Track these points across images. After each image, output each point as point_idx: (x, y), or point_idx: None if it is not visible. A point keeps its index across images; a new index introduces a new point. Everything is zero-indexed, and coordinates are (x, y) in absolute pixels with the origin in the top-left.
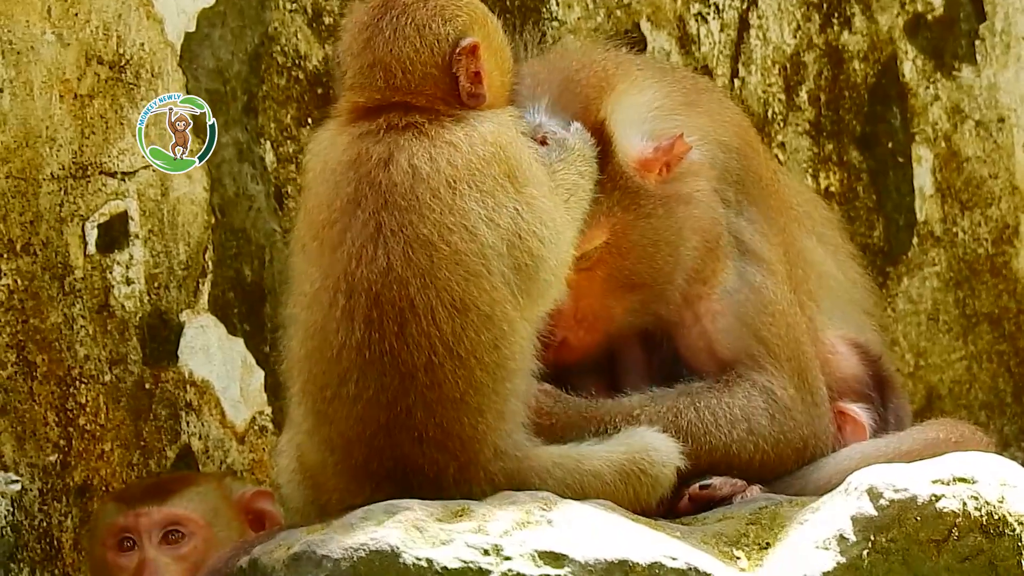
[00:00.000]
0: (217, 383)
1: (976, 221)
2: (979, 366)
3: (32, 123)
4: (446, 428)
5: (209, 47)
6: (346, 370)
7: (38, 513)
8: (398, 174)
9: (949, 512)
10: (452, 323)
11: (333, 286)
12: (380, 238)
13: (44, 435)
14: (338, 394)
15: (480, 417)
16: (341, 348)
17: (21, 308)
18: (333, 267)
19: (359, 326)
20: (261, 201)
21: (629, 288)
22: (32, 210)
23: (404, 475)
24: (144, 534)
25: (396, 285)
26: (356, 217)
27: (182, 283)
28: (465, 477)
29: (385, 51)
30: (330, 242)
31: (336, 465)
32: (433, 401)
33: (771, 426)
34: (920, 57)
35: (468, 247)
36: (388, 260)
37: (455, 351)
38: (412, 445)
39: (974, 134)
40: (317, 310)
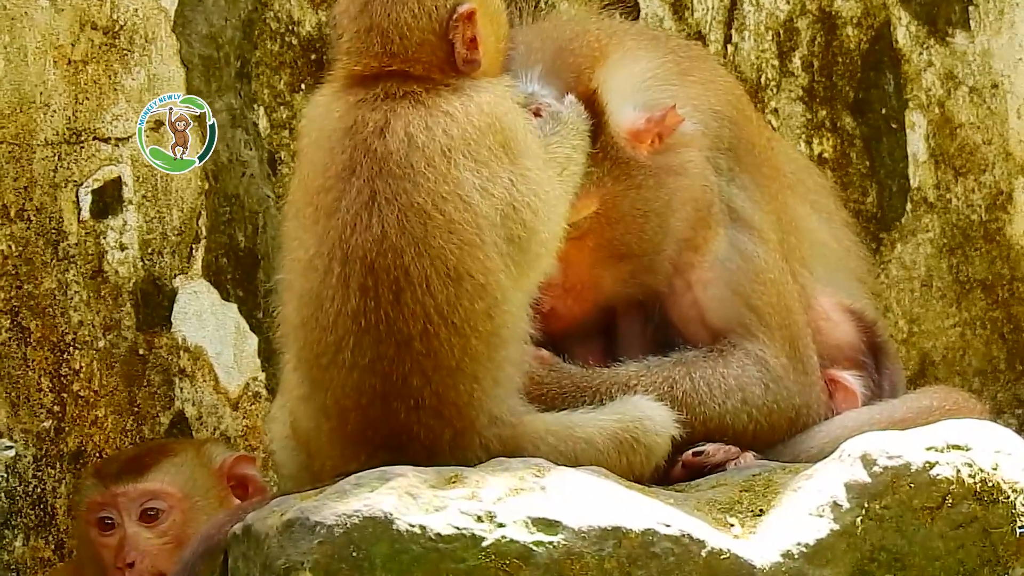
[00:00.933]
0: (211, 349)
1: (969, 187)
2: (972, 332)
3: (26, 89)
4: (442, 395)
5: (202, 13)
6: (341, 338)
7: (32, 479)
8: (394, 142)
9: (943, 479)
10: (446, 292)
11: (328, 253)
12: (374, 206)
13: (38, 401)
14: (334, 361)
15: (475, 384)
16: (336, 316)
17: (15, 274)
18: (327, 234)
19: (354, 294)
20: (254, 167)
21: (618, 258)
22: (26, 176)
23: (399, 442)
24: (123, 512)
25: (391, 253)
26: (351, 184)
27: (175, 249)
28: (460, 444)
29: (382, 16)
30: (325, 209)
31: (331, 432)
32: (429, 369)
33: (764, 396)
34: (914, 23)
35: (462, 216)
36: (383, 228)
37: (450, 319)
38: (408, 412)
39: (967, 100)
40: (312, 277)
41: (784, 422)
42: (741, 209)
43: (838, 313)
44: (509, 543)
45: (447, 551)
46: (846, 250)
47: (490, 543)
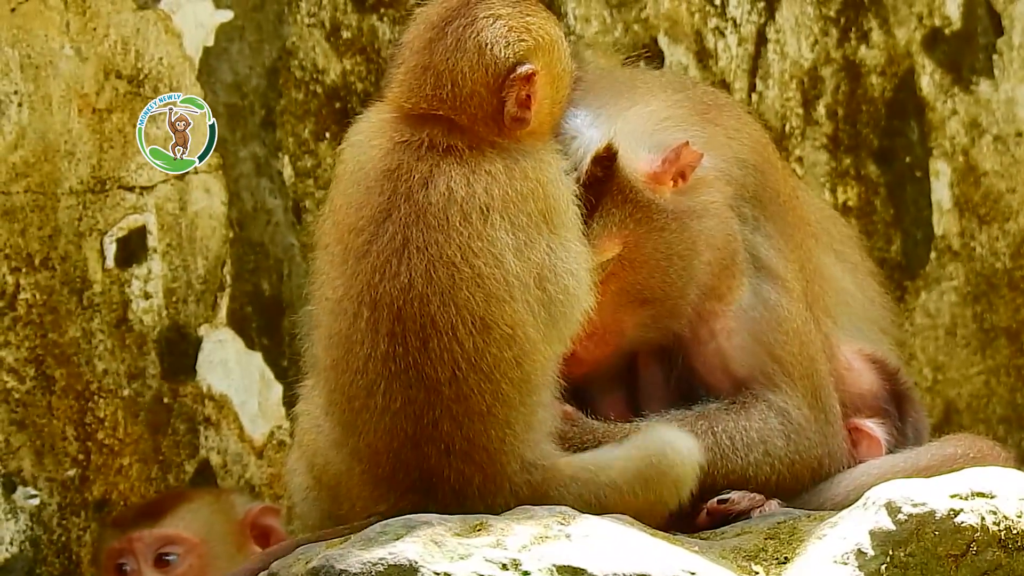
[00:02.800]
0: (235, 397)
1: (994, 235)
2: (997, 380)
3: (51, 137)
4: (473, 440)
5: (227, 61)
6: (372, 381)
7: (57, 528)
8: (434, 194)
9: (967, 527)
10: (473, 340)
11: (357, 297)
12: (405, 253)
13: (63, 450)
14: (366, 405)
15: (507, 429)
16: (367, 360)
17: (40, 322)
18: (357, 277)
19: (383, 339)
20: (279, 215)
21: (640, 303)
22: (51, 224)
23: (429, 486)
24: (139, 557)
25: (417, 302)
26: (384, 229)
27: (200, 297)
28: (489, 489)
29: (441, 59)
30: (355, 250)
31: (362, 474)
32: (459, 414)
33: (786, 447)
34: (938, 71)
35: (491, 272)
36: (410, 276)
37: (478, 366)
38: (438, 457)
39: (992, 148)
40: (342, 319)
41: (807, 472)
42: (766, 258)
43: (860, 362)
44: None
45: None
46: (870, 300)
47: None
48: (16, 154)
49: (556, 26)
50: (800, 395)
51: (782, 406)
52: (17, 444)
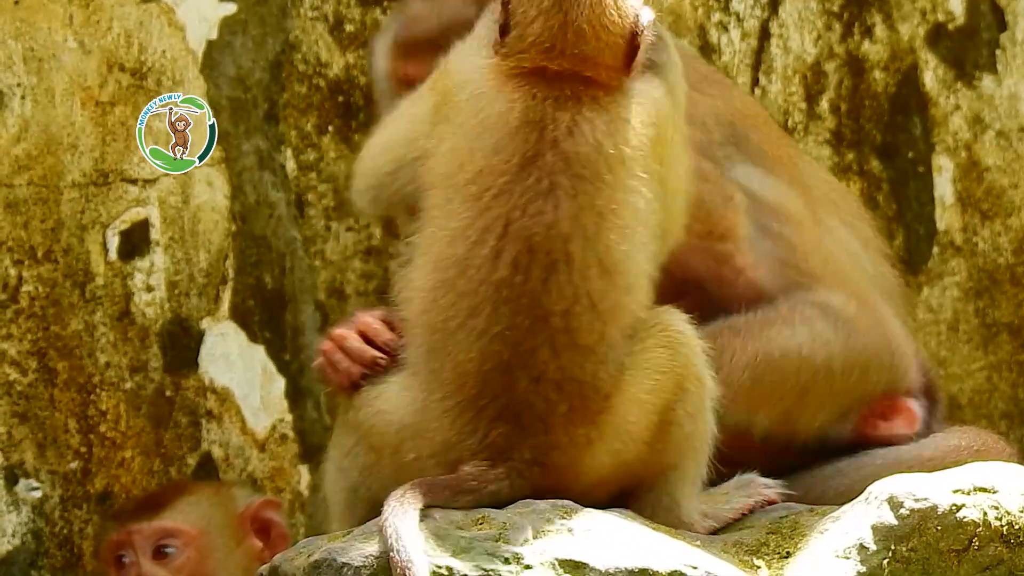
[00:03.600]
0: (238, 391)
1: (996, 231)
2: (999, 376)
3: (53, 130)
4: (567, 371)
5: (230, 55)
6: (479, 304)
7: (59, 520)
8: (584, 145)
9: (970, 522)
10: (602, 282)
11: (486, 227)
12: (552, 196)
13: (65, 442)
14: (463, 325)
15: (601, 366)
16: (480, 283)
17: (42, 315)
18: (490, 211)
19: (504, 266)
20: (282, 209)
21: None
22: (53, 217)
23: (515, 414)
24: (137, 549)
25: (559, 240)
26: (529, 173)
27: (203, 290)
28: (574, 420)
29: (581, 14)
30: (494, 189)
31: (442, 401)
32: (562, 345)
33: (835, 335)
34: (941, 66)
35: (630, 223)
36: (556, 216)
37: (598, 307)
38: (528, 383)
39: (995, 144)
40: (460, 244)
41: (865, 366)
42: (758, 191)
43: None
44: None
45: None
46: (882, 275)
47: None
48: (19, 147)
49: None
50: (843, 294)
51: (824, 301)
52: (19, 436)
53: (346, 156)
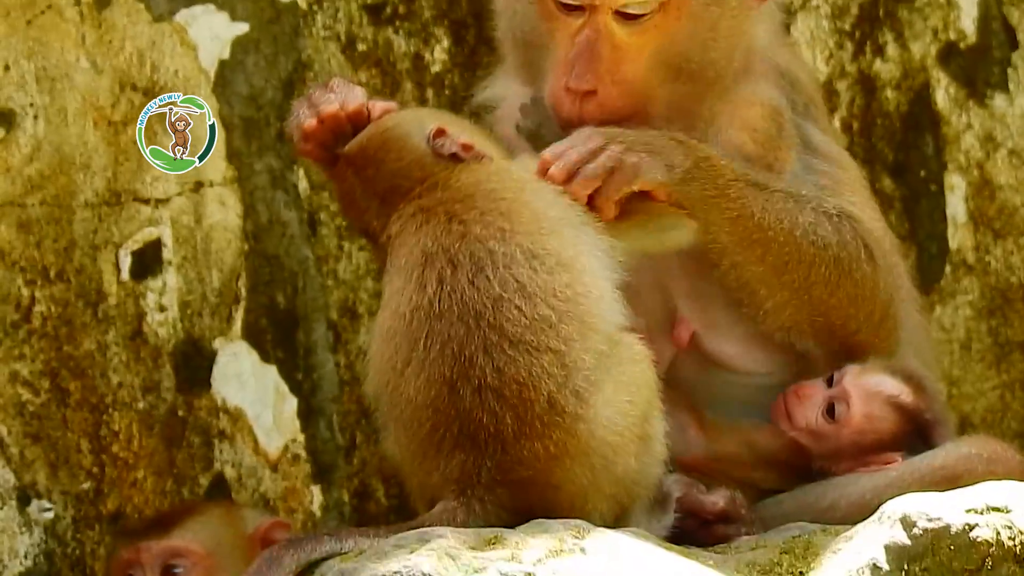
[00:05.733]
0: (250, 410)
1: (1009, 250)
2: (1012, 395)
3: (66, 150)
4: (504, 372)
5: (243, 74)
6: (417, 334)
7: (71, 541)
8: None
9: (983, 541)
10: (528, 268)
11: (413, 266)
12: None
13: (77, 463)
14: (409, 360)
15: (535, 357)
16: (414, 312)
17: (55, 335)
18: (417, 254)
19: (431, 284)
20: (294, 228)
21: (675, 73)
22: (66, 237)
23: (470, 437)
24: (146, 568)
25: (478, 241)
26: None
27: (215, 310)
28: (523, 432)
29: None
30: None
31: (409, 444)
32: (493, 344)
33: (840, 247)
34: (953, 85)
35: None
36: (469, 223)
37: (526, 288)
38: (472, 396)
39: (1007, 162)
40: (397, 300)
41: (859, 294)
42: (819, 143)
43: (880, 406)
44: None
45: None
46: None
47: None
48: (32, 166)
49: None
50: (871, 220)
51: (847, 208)
52: (32, 457)
53: None
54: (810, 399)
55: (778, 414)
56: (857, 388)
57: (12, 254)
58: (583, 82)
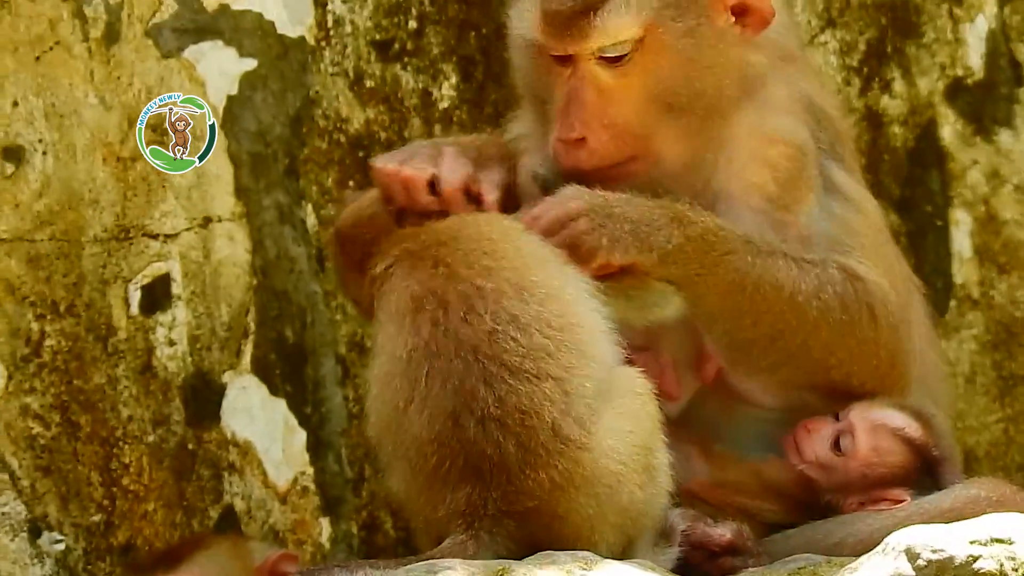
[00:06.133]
0: (259, 444)
1: (1014, 284)
2: (1016, 428)
3: (75, 186)
4: (506, 401)
5: (251, 110)
6: (417, 372)
7: (83, 573)
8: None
9: (986, 572)
10: (518, 300)
11: (405, 310)
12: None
13: (88, 495)
14: (411, 399)
15: (536, 385)
16: (411, 354)
17: (65, 369)
18: (408, 296)
19: (425, 325)
20: (303, 263)
21: (665, 107)
22: (76, 272)
23: (475, 469)
24: None
25: (461, 283)
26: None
27: (224, 344)
28: (528, 460)
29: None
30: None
31: (415, 479)
32: (493, 375)
33: (843, 310)
34: (959, 121)
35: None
36: (451, 266)
37: (519, 319)
38: (476, 427)
39: (1012, 197)
40: (391, 344)
41: (860, 352)
42: (841, 183)
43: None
44: None
45: None
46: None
47: None
48: (41, 202)
49: None
50: (879, 275)
51: (854, 268)
52: (43, 490)
53: None
54: (818, 433)
55: (788, 448)
56: (863, 422)
57: (22, 289)
58: (572, 131)
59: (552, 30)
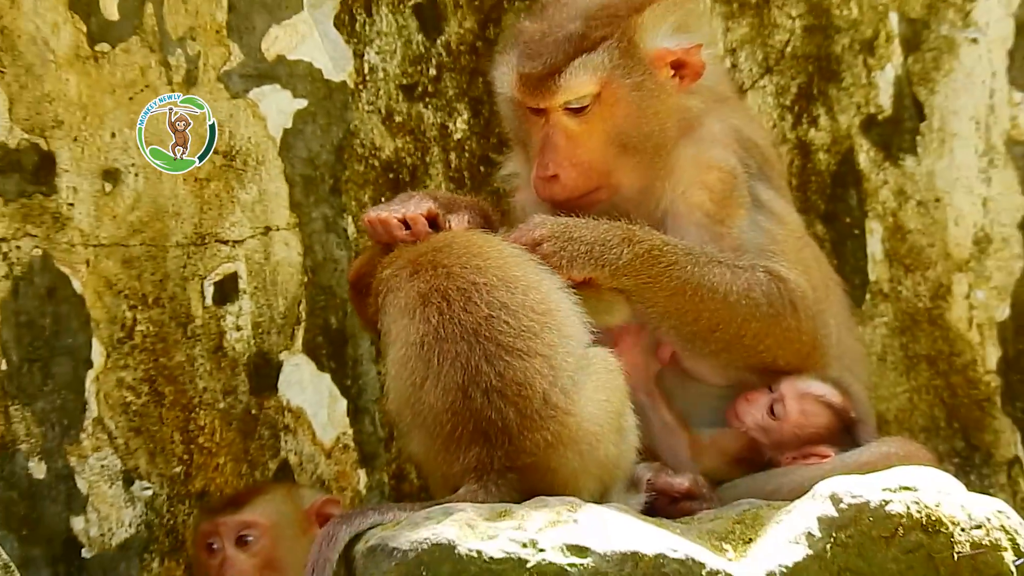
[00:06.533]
0: (309, 410)
1: (917, 281)
2: (919, 397)
3: (161, 201)
4: (505, 375)
5: (303, 140)
6: (430, 352)
7: (166, 514)
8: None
9: (896, 514)
10: (507, 293)
11: (415, 301)
12: (442, 266)
13: (171, 451)
14: (427, 376)
15: (527, 361)
16: (423, 337)
17: (152, 349)
18: (418, 288)
19: (433, 311)
20: (344, 264)
21: (621, 147)
22: (161, 271)
23: (483, 433)
24: (223, 538)
25: (465, 275)
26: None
27: (281, 329)
28: (525, 425)
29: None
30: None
31: (433, 442)
32: (492, 353)
33: (768, 305)
34: (872, 149)
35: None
36: (448, 266)
37: (509, 306)
38: (482, 398)
39: (915, 211)
40: (405, 326)
41: (785, 339)
42: (767, 200)
43: (813, 404)
44: (548, 565)
45: (498, 571)
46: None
47: (533, 564)
48: (133, 214)
49: None
50: (799, 276)
51: (777, 270)
52: (134, 447)
53: None
54: (756, 402)
55: (730, 416)
56: (791, 390)
57: (118, 284)
58: (547, 170)
59: (527, 89)
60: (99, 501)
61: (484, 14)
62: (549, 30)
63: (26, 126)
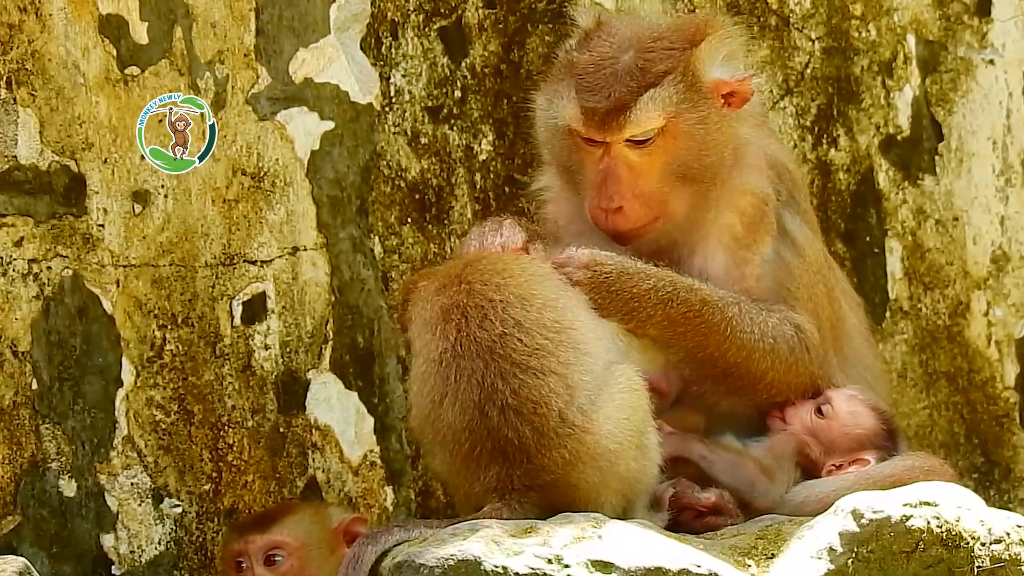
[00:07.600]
0: (336, 428)
1: (936, 299)
2: (938, 414)
3: (190, 222)
4: (519, 393)
5: (330, 162)
6: (448, 371)
7: (195, 531)
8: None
9: (916, 529)
10: (522, 309)
11: (437, 321)
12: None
13: (200, 469)
14: (445, 393)
15: (542, 379)
16: (441, 355)
17: (182, 368)
18: (440, 306)
19: (451, 329)
20: (371, 283)
21: (680, 178)
22: (191, 291)
23: (501, 452)
24: (252, 557)
25: (481, 293)
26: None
27: (308, 348)
28: (542, 443)
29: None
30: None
31: (453, 460)
32: (506, 371)
33: (790, 354)
34: (892, 169)
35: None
36: (470, 285)
37: (523, 324)
38: (498, 416)
39: (934, 230)
40: (427, 344)
41: (797, 382)
42: (791, 229)
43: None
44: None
45: None
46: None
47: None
48: (163, 235)
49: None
50: (812, 323)
51: (798, 322)
52: (164, 464)
53: (421, 242)
54: (802, 406)
55: (773, 421)
56: (838, 394)
57: (148, 304)
58: (611, 202)
59: (592, 123)
60: (129, 519)
61: (508, 37)
62: (603, 62)
63: (57, 148)
